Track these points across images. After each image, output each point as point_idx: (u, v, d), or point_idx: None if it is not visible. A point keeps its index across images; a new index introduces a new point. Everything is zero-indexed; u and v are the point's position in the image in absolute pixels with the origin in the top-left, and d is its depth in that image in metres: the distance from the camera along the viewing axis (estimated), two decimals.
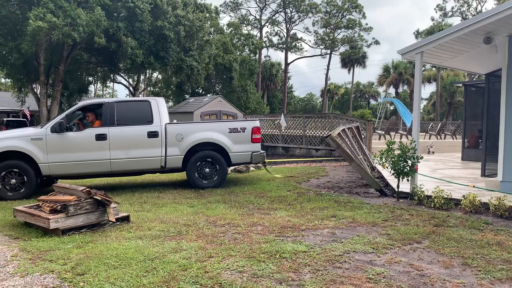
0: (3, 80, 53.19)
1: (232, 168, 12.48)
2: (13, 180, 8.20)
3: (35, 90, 27.92)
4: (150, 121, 8.95)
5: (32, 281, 3.95)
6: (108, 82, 40.62)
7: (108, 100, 9.24)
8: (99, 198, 5.73)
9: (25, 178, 8.27)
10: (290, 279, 3.90)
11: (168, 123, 9.13)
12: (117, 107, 8.94)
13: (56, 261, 4.45)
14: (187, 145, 9.01)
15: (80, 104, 9.28)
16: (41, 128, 8.67)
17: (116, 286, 3.74)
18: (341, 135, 8.72)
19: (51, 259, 4.53)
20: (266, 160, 12.59)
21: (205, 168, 9.15)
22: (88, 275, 4.03)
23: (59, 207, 5.59)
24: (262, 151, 9.65)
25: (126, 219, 6.10)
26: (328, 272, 4.08)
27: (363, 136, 14.71)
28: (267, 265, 4.25)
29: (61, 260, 4.49)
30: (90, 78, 33.83)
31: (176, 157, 9.00)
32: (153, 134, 8.86)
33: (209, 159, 9.16)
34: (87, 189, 5.75)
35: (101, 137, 8.63)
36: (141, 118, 8.98)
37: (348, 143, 9.30)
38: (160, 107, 9.12)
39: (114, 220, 5.81)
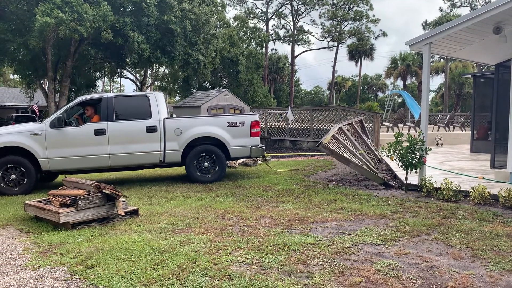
0: (11, 76, 53.58)
1: (240, 161, 12.50)
2: (13, 176, 8.24)
3: (43, 85, 28.10)
4: (148, 115, 8.94)
5: (44, 274, 4.01)
6: (115, 77, 40.75)
7: (107, 95, 9.24)
8: (108, 192, 5.78)
9: (25, 174, 8.30)
10: (298, 271, 3.91)
11: (167, 118, 9.12)
12: (116, 102, 8.94)
13: (67, 254, 4.50)
14: (186, 139, 9.00)
15: (79, 99, 9.29)
16: (40, 123, 8.71)
17: (126, 278, 3.78)
18: (335, 137, 8.70)
19: (62, 252, 4.59)
20: (266, 154, 12.58)
21: (204, 163, 9.15)
22: (98, 268, 4.07)
23: (69, 201, 5.64)
24: (261, 145, 9.62)
25: (135, 212, 6.15)
26: (336, 264, 4.09)
27: (370, 128, 14.65)
28: (276, 257, 4.27)
29: (72, 253, 4.54)
30: (98, 73, 33.94)
31: (175, 152, 9.00)
32: (151, 129, 8.86)
33: (208, 154, 9.15)
34: (96, 183, 5.80)
35: (100, 132, 8.64)
36: (140, 112, 8.97)
37: (347, 140, 9.29)
38: (158, 101, 9.10)
39: (123, 213, 5.85)
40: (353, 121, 11.64)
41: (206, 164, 9.16)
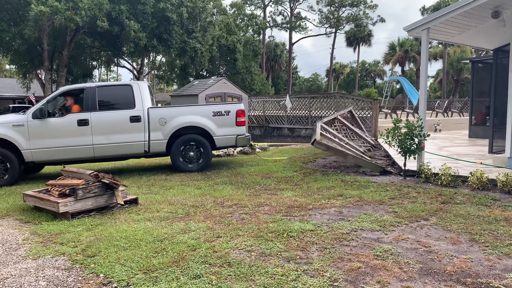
0: (7, 67, 53.24)
1: (238, 149, 12.50)
2: None
3: (39, 75, 27.93)
4: (132, 105, 8.86)
5: (44, 264, 4.02)
6: (112, 66, 40.47)
7: (90, 85, 9.16)
8: (107, 182, 5.78)
9: (8, 165, 8.25)
10: (298, 257, 3.93)
11: (151, 107, 9.03)
12: (99, 91, 8.86)
13: (67, 244, 4.52)
14: (170, 129, 8.95)
15: (62, 89, 9.21)
16: (23, 114, 8.64)
17: (126, 267, 3.79)
18: (323, 134, 8.68)
19: (62, 242, 4.60)
20: (252, 143, 12.56)
21: (189, 152, 9.11)
22: (98, 256, 4.09)
23: (68, 191, 5.64)
24: (247, 134, 9.55)
25: (134, 201, 6.16)
26: (335, 250, 4.11)
27: (369, 115, 14.63)
28: (275, 244, 4.29)
29: (72, 242, 4.55)
30: (94, 63, 33.71)
31: (159, 142, 8.95)
32: (135, 119, 8.80)
33: (193, 143, 9.10)
34: (95, 172, 5.80)
35: (83, 123, 8.58)
36: (123, 102, 8.90)
37: (336, 134, 9.31)
38: (142, 91, 9.01)
39: (122, 202, 5.86)
40: (339, 115, 11.53)
41: (191, 153, 9.12)
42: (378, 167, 8.30)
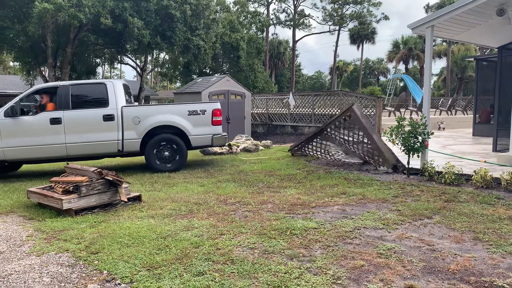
0: (11, 64, 53.37)
1: (241, 147, 12.50)
2: None
3: (43, 72, 27.98)
4: (105, 104, 8.78)
5: (48, 260, 4.04)
6: (115, 63, 40.52)
7: (63, 83, 9.10)
8: (111, 179, 5.79)
9: None
10: (301, 255, 3.93)
11: (125, 106, 8.92)
12: (72, 90, 8.80)
13: (71, 241, 4.53)
14: (144, 128, 8.85)
15: (35, 87, 9.15)
16: None
17: (130, 263, 3.80)
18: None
19: (66, 238, 4.62)
20: (231, 143, 12.46)
21: (164, 152, 9.00)
22: (102, 253, 4.10)
23: (72, 188, 5.66)
24: (224, 134, 9.46)
25: (137, 198, 6.17)
26: (338, 248, 4.11)
27: (372, 113, 14.59)
28: (278, 241, 4.29)
29: (75, 239, 4.57)
30: (98, 60, 33.72)
31: (133, 141, 8.85)
32: (108, 117, 8.72)
33: (168, 143, 8.99)
34: (99, 169, 5.81)
35: (55, 121, 8.53)
36: (97, 101, 8.83)
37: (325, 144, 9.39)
38: (116, 89, 8.91)
39: (126, 200, 5.87)
40: (328, 125, 10.94)
41: (166, 153, 9.00)
42: (392, 157, 8.14)
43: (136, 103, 10.38)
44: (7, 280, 3.61)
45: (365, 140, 8.43)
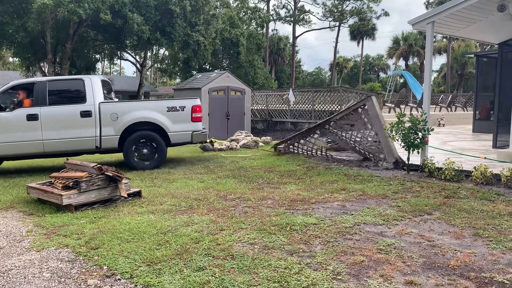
0: (11, 59, 53.24)
1: (241, 143, 12.50)
2: None
3: (43, 68, 27.93)
4: (83, 100, 8.69)
5: (48, 255, 4.04)
6: (115, 59, 40.47)
7: (40, 79, 9.03)
8: (111, 174, 5.78)
9: None
10: (301, 250, 3.94)
11: (103, 102, 8.82)
12: (50, 86, 8.70)
13: (71, 236, 4.53)
14: (122, 124, 8.74)
15: (11, 83, 9.02)
16: None
17: (130, 259, 3.80)
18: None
19: (66, 234, 4.62)
20: (213, 140, 12.40)
21: (142, 149, 8.88)
22: (102, 249, 4.10)
23: (71, 183, 5.65)
24: (204, 130, 9.37)
25: (137, 194, 6.17)
26: (338, 243, 4.11)
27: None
28: (278, 237, 4.29)
29: (75, 235, 4.57)
30: (97, 56, 33.65)
31: (111, 137, 8.74)
32: (86, 114, 8.62)
33: (146, 140, 8.88)
34: (99, 165, 5.80)
35: (32, 117, 8.43)
36: (75, 97, 8.74)
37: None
38: (94, 85, 8.81)
39: (126, 195, 5.87)
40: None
41: (145, 150, 8.87)
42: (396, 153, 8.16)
43: (117, 99, 10.28)
44: (7, 275, 3.61)
45: (372, 134, 8.43)
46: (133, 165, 8.83)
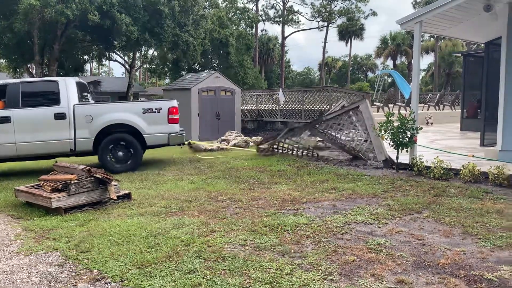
0: None
1: (231, 143, 12.48)
2: None
3: (30, 70, 27.62)
4: (57, 102, 8.58)
5: (37, 259, 3.99)
6: (103, 60, 40.12)
7: (13, 80, 8.92)
8: (100, 176, 5.74)
9: None
10: (292, 251, 3.94)
11: (77, 104, 8.71)
12: (23, 88, 8.61)
13: (60, 239, 4.48)
14: (97, 126, 8.64)
15: None
16: None
17: (120, 262, 3.78)
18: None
19: (55, 237, 4.57)
20: (192, 141, 12.37)
21: (118, 152, 8.78)
22: (92, 252, 4.06)
23: (60, 186, 5.60)
24: (181, 132, 9.29)
25: (127, 196, 6.13)
26: (329, 243, 4.12)
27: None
28: (269, 238, 4.29)
29: (65, 238, 4.52)
30: (86, 57, 33.37)
31: (86, 140, 8.65)
32: (60, 116, 8.52)
33: (122, 142, 8.78)
34: (88, 167, 5.75)
35: (4, 120, 8.31)
36: (48, 99, 8.64)
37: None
38: (68, 87, 8.70)
39: (115, 197, 5.83)
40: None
41: (120, 153, 8.79)
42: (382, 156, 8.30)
43: (93, 101, 10.18)
44: None
45: (362, 133, 8.51)
46: (108, 168, 8.55)
